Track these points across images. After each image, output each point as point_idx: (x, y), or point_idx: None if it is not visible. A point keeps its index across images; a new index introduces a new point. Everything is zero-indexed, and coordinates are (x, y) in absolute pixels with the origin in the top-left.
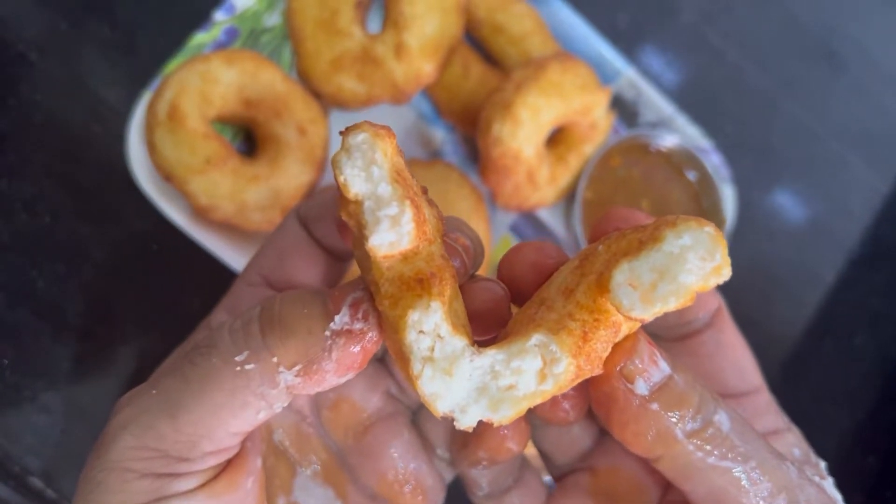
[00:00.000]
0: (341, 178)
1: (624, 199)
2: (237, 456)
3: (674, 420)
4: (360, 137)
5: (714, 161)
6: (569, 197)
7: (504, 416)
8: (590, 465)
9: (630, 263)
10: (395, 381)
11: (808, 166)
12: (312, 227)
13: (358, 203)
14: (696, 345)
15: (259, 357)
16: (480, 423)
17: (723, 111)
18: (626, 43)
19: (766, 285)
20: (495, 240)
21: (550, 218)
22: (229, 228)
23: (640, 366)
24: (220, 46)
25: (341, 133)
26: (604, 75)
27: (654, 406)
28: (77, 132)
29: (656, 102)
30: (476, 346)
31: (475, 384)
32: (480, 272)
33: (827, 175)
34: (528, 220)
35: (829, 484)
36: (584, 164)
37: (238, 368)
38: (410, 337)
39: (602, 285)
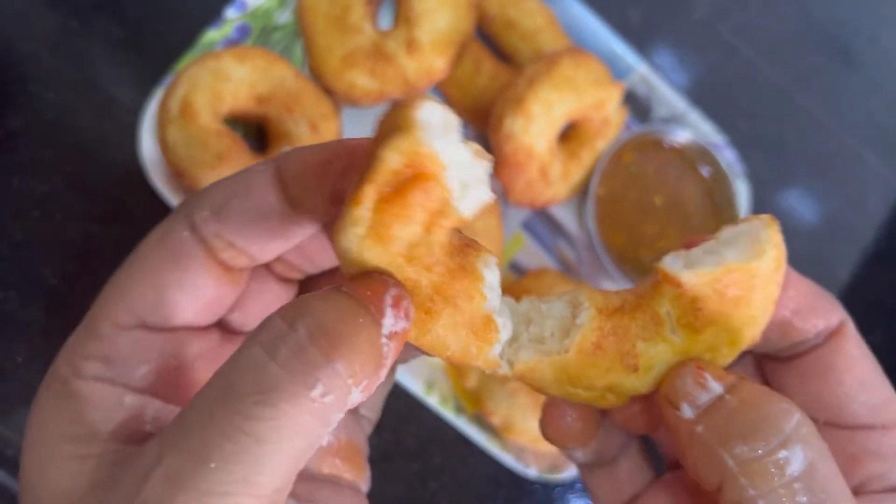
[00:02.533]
0: (428, 150)
1: (637, 195)
2: None
3: (721, 444)
4: (433, 108)
5: (728, 157)
6: (581, 193)
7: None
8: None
9: (688, 250)
10: None
11: (823, 162)
12: (293, 189)
13: (437, 177)
14: (803, 365)
15: (334, 385)
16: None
17: (736, 107)
18: (639, 39)
19: None
20: (508, 237)
21: (563, 214)
22: None
23: (683, 387)
24: (232, 43)
25: (393, 111)
26: (616, 71)
27: (700, 429)
28: (88, 130)
29: (669, 98)
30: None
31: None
32: None
33: (841, 171)
34: (541, 217)
35: None
36: (597, 159)
37: (316, 405)
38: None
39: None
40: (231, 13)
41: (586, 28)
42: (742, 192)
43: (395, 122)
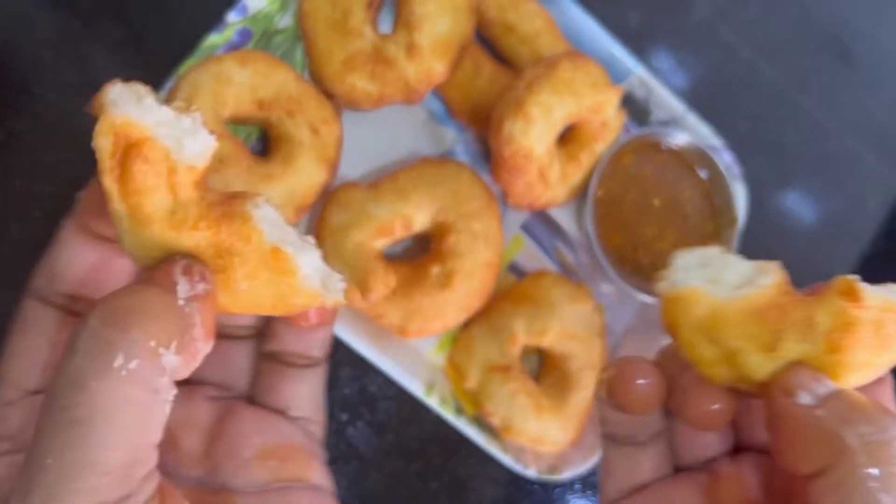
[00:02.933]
0: (123, 119)
1: (635, 196)
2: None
3: (847, 423)
4: (116, 87)
5: (726, 159)
6: (580, 195)
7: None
8: (713, 468)
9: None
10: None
11: (822, 163)
12: (95, 223)
13: (147, 139)
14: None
15: (135, 351)
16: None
17: (735, 108)
18: (638, 41)
19: None
20: (507, 239)
21: (562, 216)
22: None
23: (801, 381)
24: (233, 47)
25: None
26: (615, 74)
27: (821, 412)
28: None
29: (667, 101)
30: None
31: None
32: (491, 274)
33: (841, 172)
34: (540, 219)
35: None
36: (596, 162)
37: (124, 373)
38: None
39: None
40: (232, 17)
41: (585, 31)
42: (740, 195)
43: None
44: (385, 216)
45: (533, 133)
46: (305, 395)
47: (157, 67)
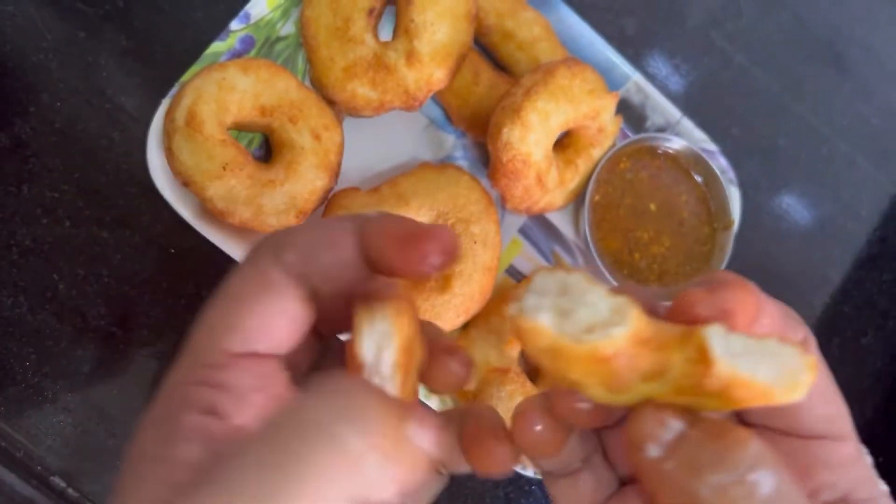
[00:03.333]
0: (356, 348)
1: (632, 201)
2: None
3: (694, 476)
4: (381, 326)
5: (721, 163)
6: (578, 200)
7: None
8: None
9: (732, 333)
10: None
11: (816, 168)
12: (373, 254)
13: (359, 364)
14: None
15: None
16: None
17: (730, 114)
18: (634, 47)
19: (773, 287)
20: (505, 242)
21: (559, 221)
22: (246, 232)
23: (645, 429)
24: (237, 55)
25: (361, 308)
26: (611, 80)
27: (669, 465)
28: (97, 139)
29: (663, 106)
30: None
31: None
32: (490, 277)
33: (834, 176)
34: (538, 223)
35: None
36: (593, 167)
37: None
38: None
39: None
40: (235, 25)
41: (582, 38)
42: (735, 199)
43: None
44: None
45: (531, 139)
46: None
47: (161, 75)
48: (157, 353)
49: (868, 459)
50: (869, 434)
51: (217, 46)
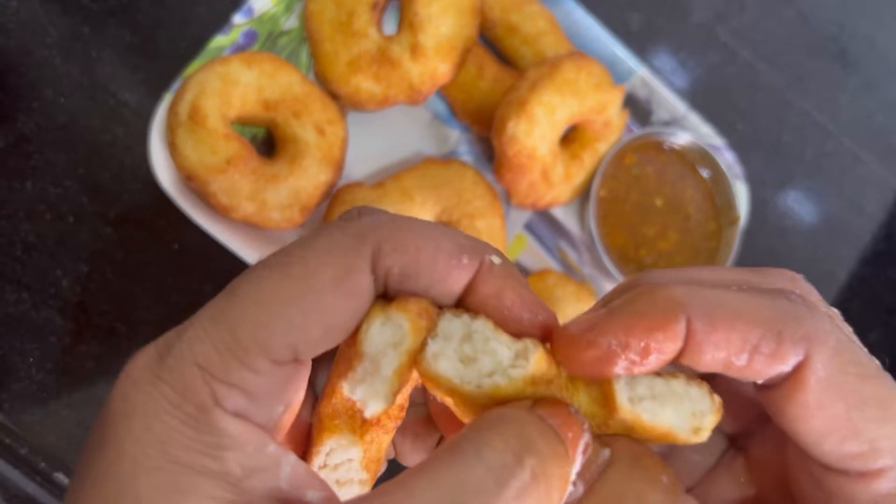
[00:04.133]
0: (360, 336)
1: (638, 196)
2: None
3: None
4: (398, 321)
5: (727, 159)
6: (583, 195)
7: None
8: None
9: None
10: None
11: (821, 163)
12: (482, 301)
13: (353, 357)
14: (773, 397)
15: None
16: None
17: (735, 109)
18: (639, 42)
19: None
20: (510, 238)
21: (565, 216)
22: (249, 227)
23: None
24: (240, 49)
25: (379, 301)
26: (617, 74)
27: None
28: (100, 134)
29: (669, 101)
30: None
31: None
32: None
33: (839, 172)
34: (543, 218)
35: None
36: (599, 162)
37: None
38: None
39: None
40: (238, 19)
41: (587, 32)
42: (741, 194)
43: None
44: None
45: (536, 133)
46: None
47: (164, 69)
48: None
49: None
50: None
51: (220, 40)
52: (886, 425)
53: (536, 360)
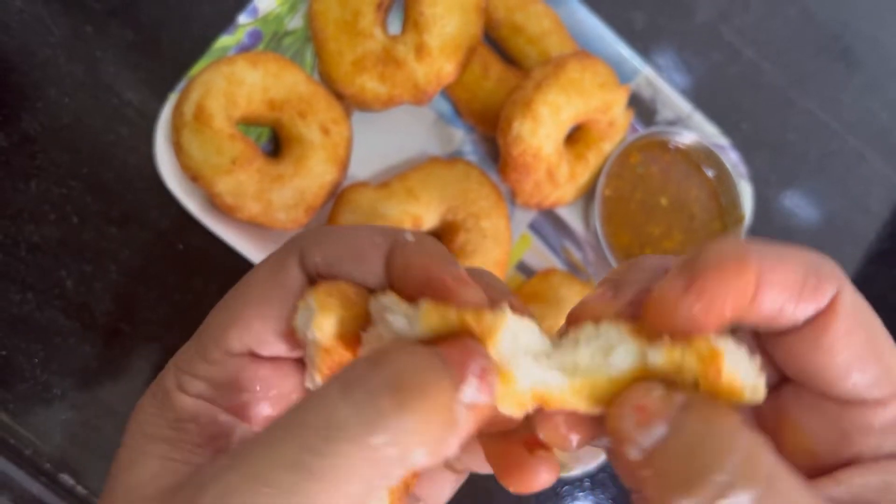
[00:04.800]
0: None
1: (643, 196)
2: None
3: (664, 495)
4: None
5: (732, 158)
6: (588, 194)
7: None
8: None
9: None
10: None
11: (825, 162)
12: (395, 279)
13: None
14: (793, 341)
15: (397, 438)
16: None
17: (739, 109)
18: (643, 42)
19: None
20: (515, 238)
21: (570, 216)
22: (255, 227)
23: (628, 428)
24: (245, 49)
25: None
26: (621, 74)
27: (646, 473)
28: (104, 134)
29: (673, 100)
30: None
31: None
32: (500, 272)
33: (844, 171)
34: (548, 218)
35: None
36: (603, 161)
37: (375, 453)
38: None
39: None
40: (243, 19)
41: (592, 32)
42: (746, 193)
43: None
44: (395, 216)
45: (541, 132)
46: (443, 487)
47: (168, 69)
48: (165, 348)
49: None
50: None
51: (225, 40)
52: (893, 358)
53: (424, 315)
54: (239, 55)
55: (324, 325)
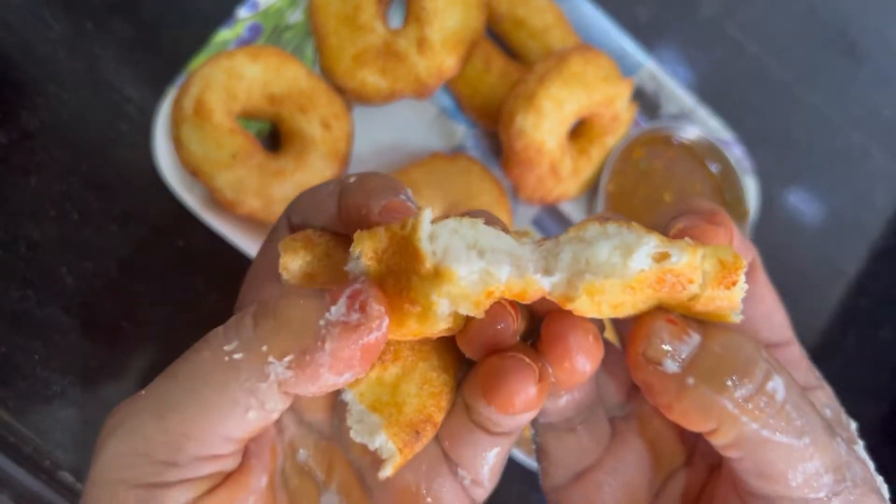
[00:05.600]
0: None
1: (646, 191)
2: (237, 471)
3: (718, 391)
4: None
5: (736, 153)
6: (591, 190)
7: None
8: (638, 412)
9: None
10: None
11: (830, 158)
12: (345, 211)
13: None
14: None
15: (248, 346)
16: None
17: (743, 104)
18: (647, 36)
19: (788, 279)
20: None
21: (573, 211)
22: (255, 223)
23: (661, 345)
24: (244, 43)
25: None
26: (625, 68)
27: (691, 381)
28: (104, 130)
29: (677, 95)
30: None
31: None
32: None
33: (848, 166)
34: (551, 214)
35: (860, 448)
36: (607, 156)
37: (227, 359)
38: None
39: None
40: (243, 13)
41: (595, 25)
42: (751, 188)
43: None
44: None
45: (544, 126)
46: (494, 465)
47: (168, 65)
48: (164, 345)
49: (800, 350)
50: (885, 428)
51: (224, 34)
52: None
53: (357, 241)
54: (239, 49)
55: (289, 265)
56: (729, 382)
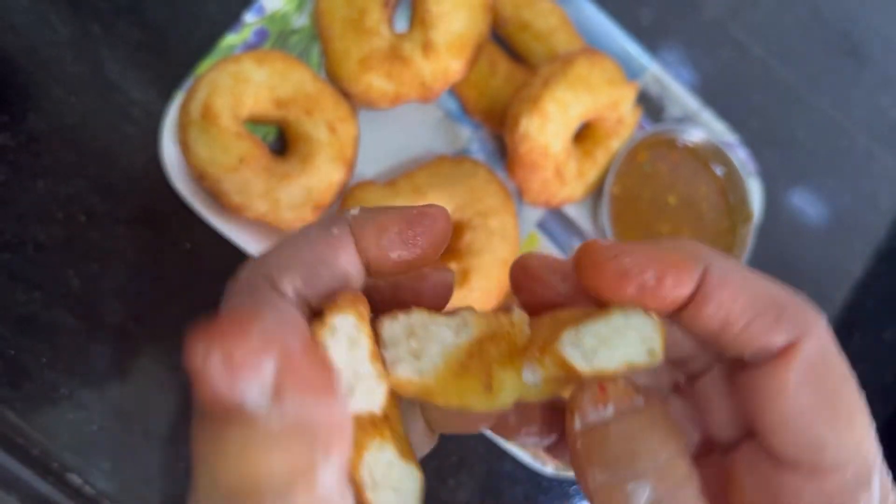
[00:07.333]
0: (328, 352)
1: (651, 193)
2: None
3: (588, 467)
4: (346, 321)
5: (741, 155)
6: (596, 192)
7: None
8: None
9: (581, 328)
10: None
11: (835, 160)
12: (370, 259)
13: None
14: (746, 378)
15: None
16: None
17: (748, 106)
18: (650, 39)
19: (792, 280)
20: (523, 236)
21: (578, 214)
22: (262, 226)
23: (582, 401)
24: (251, 47)
25: (326, 309)
26: (629, 71)
27: (578, 444)
28: (111, 133)
29: (682, 97)
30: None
31: None
32: (507, 271)
33: (853, 168)
34: (556, 217)
35: None
36: (612, 159)
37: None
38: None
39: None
40: (249, 17)
41: (599, 28)
42: (755, 191)
43: None
44: None
45: (549, 130)
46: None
47: (174, 68)
48: (173, 349)
49: (868, 482)
50: (891, 431)
51: (231, 39)
52: (848, 429)
53: (476, 322)
54: (245, 53)
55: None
56: (597, 463)
